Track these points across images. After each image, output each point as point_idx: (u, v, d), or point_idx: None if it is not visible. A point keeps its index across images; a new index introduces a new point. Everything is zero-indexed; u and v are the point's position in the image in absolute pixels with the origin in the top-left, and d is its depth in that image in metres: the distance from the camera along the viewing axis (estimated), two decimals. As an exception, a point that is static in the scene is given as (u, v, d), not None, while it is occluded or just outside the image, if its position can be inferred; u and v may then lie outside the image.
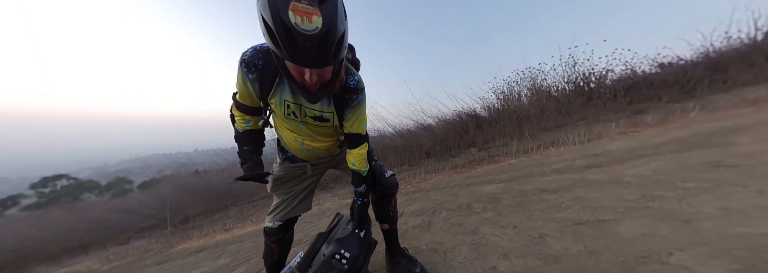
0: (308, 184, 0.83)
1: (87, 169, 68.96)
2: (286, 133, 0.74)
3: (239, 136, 0.72)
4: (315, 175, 0.84)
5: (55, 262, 3.56)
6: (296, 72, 0.52)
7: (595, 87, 4.52)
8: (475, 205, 1.42)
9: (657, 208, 1.01)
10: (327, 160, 0.84)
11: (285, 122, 0.70)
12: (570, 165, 1.84)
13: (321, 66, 0.49)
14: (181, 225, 3.88)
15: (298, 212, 0.81)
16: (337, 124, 0.69)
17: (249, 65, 0.58)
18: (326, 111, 0.66)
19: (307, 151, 0.76)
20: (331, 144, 0.79)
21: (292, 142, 0.74)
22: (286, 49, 0.44)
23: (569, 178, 1.56)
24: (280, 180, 0.80)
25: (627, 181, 1.30)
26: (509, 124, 4.33)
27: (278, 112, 0.67)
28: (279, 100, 0.63)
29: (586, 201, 1.19)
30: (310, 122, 0.67)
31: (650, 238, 0.85)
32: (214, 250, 2.05)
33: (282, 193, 0.81)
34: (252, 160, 0.71)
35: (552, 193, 1.36)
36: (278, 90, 0.62)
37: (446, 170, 3.35)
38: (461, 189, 1.88)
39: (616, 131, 3.15)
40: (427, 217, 1.42)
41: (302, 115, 0.66)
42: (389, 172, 0.89)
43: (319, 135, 0.73)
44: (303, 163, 0.80)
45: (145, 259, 2.46)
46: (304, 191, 0.83)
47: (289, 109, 0.64)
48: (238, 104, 0.68)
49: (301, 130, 0.70)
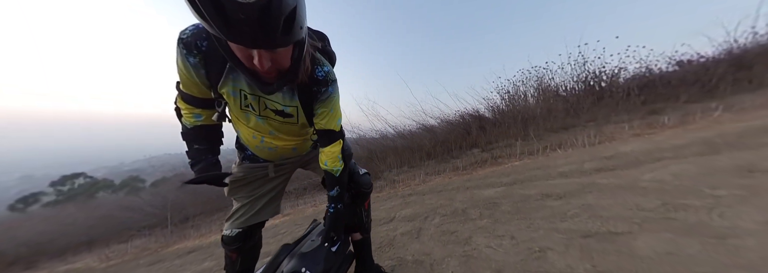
0: (273, 186, 0.73)
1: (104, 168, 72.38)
2: (243, 129, 0.64)
3: (188, 133, 0.60)
4: (280, 177, 0.75)
5: (61, 259, 3.66)
6: (243, 55, 0.42)
7: (607, 86, 4.29)
8: (471, 211, 1.31)
9: (681, 220, 0.85)
10: (294, 160, 0.75)
11: (241, 116, 0.59)
12: (578, 168, 1.69)
13: (267, 46, 0.39)
14: (181, 224, 3.91)
15: (260, 218, 0.71)
16: (303, 121, 0.61)
17: (189, 46, 0.46)
18: (289, 105, 0.56)
19: (268, 150, 0.66)
20: (298, 143, 0.69)
21: (250, 139, 0.65)
22: (215, 22, 0.34)
23: (576, 182, 1.42)
24: (238, 182, 0.70)
25: (643, 187, 1.15)
26: (514, 125, 4.15)
27: (233, 105, 0.56)
28: (232, 90, 0.52)
29: (595, 209, 1.05)
30: (271, 116, 0.58)
31: (675, 256, 0.71)
32: (203, 251, 2.01)
33: (242, 197, 0.71)
34: (205, 161, 0.60)
35: (557, 199, 1.23)
36: (231, 77, 0.51)
37: (447, 172, 3.22)
38: (459, 192, 1.76)
39: (629, 133, 2.94)
40: (418, 223, 1.32)
41: (261, 108, 0.56)
42: (362, 170, 0.81)
43: (282, 132, 0.63)
44: (264, 164, 0.70)
45: (140, 259, 2.46)
46: (268, 195, 0.73)
47: (245, 101, 0.54)
48: (183, 95, 0.56)
49: (261, 125, 0.60)
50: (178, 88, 0.57)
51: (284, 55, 0.44)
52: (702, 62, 4.15)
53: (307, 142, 0.72)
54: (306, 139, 0.70)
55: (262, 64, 0.41)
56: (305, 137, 0.70)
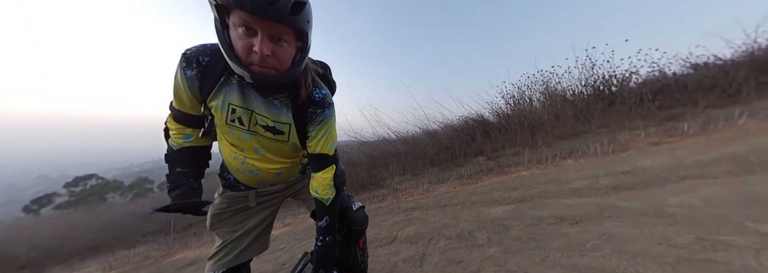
0: (258, 221, 0.65)
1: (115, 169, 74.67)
2: (226, 148, 0.58)
3: (172, 155, 0.58)
4: (266, 209, 0.67)
5: (67, 264, 3.70)
6: (243, 45, 0.41)
7: (618, 90, 4.13)
8: (478, 234, 1.22)
9: (723, 263, 0.70)
10: (279, 189, 0.68)
11: (226, 132, 0.55)
12: (592, 184, 1.58)
13: (271, 17, 0.38)
14: (183, 231, 3.92)
15: (245, 258, 0.64)
16: (294, 141, 0.57)
17: (190, 60, 0.48)
18: (282, 121, 0.54)
19: (249, 173, 0.59)
20: (284, 168, 0.62)
21: (231, 160, 0.59)
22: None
23: (593, 202, 1.30)
24: (220, 215, 0.63)
25: (671, 214, 1.03)
26: (520, 132, 4.03)
27: (219, 119, 0.53)
28: (221, 104, 0.51)
29: (617, 240, 0.94)
30: (260, 132, 0.55)
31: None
32: (202, 264, 1.97)
33: (224, 232, 0.63)
34: (186, 185, 0.57)
35: (572, 225, 1.12)
36: (222, 91, 0.50)
37: (451, 181, 3.12)
38: (464, 209, 1.67)
39: (646, 141, 2.78)
40: (421, 247, 1.23)
41: (251, 123, 0.53)
42: (357, 204, 0.73)
43: (270, 151, 0.58)
44: (245, 191, 0.63)
45: (141, 269, 2.45)
46: (254, 231, 0.65)
47: (234, 114, 0.51)
48: (175, 113, 0.56)
49: (246, 141, 0.55)
50: (171, 107, 0.56)
51: (286, 52, 0.44)
52: (720, 65, 3.95)
53: (294, 167, 0.65)
54: (294, 163, 0.64)
55: (262, 49, 0.40)
56: (294, 161, 0.64)
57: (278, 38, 0.42)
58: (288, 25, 0.41)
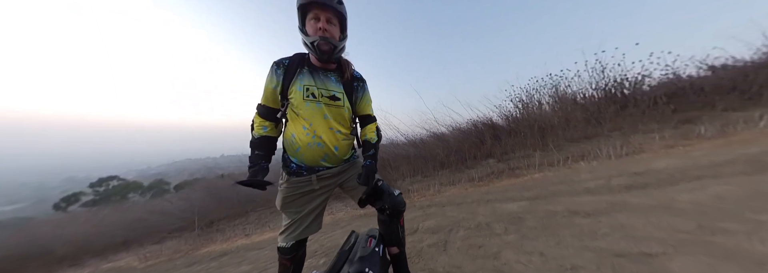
0: (317, 204, 0.84)
1: (133, 171, 78.60)
2: (298, 129, 0.78)
3: (254, 142, 0.82)
4: (323, 194, 0.84)
5: (102, 257, 3.99)
6: (313, 28, 0.73)
7: (630, 93, 4.10)
8: (495, 225, 1.32)
9: (720, 244, 0.83)
10: (333, 174, 0.84)
11: (302, 108, 0.77)
12: (605, 184, 1.64)
13: (328, 5, 0.71)
14: (207, 228, 4.15)
15: (308, 233, 0.83)
16: (347, 106, 0.83)
17: (279, 64, 0.80)
18: (338, 91, 0.81)
19: (316, 146, 0.78)
20: (341, 141, 0.82)
21: (302, 136, 0.77)
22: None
23: (605, 200, 1.38)
24: (288, 198, 0.81)
25: (680, 208, 1.10)
26: (531, 135, 4.05)
27: (297, 100, 0.77)
28: (299, 86, 0.77)
29: (627, 229, 1.03)
30: (326, 102, 0.79)
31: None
32: (235, 255, 2.14)
33: (291, 213, 0.82)
34: (259, 165, 0.78)
35: (585, 217, 1.20)
36: (298, 78, 0.78)
37: (462, 183, 3.18)
38: (480, 206, 1.77)
39: (661, 144, 2.77)
40: (443, 236, 1.35)
41: (319, 95, 0.78)
42: (396, 191, 0.92)
43: (333, 117, 0.80)
44: (308, 176, 0.80)
45: (175, 260, 2.64)
46: (314, 212, 0.84)
47: (308, 91, 0.77)
48: (260, 110, 0.82)
49: (317, 111, 0.78)
50: (257, 107, 0.83)
51: (336, 29, 0.75)
52: (739, 67, 3.87)
53: (347, 142, 0.84)
54: (347, 135, 0.84)
55: (324, 25, 0.72)
56: (346, 133, 0.84)
57: (330, 22, 0.74)
58: (336, 10, 0.73)
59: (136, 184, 19.77)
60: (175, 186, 16.82)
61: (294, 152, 0.81)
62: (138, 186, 18.93)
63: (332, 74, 0.82)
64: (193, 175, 26.81)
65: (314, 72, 0.79)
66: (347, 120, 0.84)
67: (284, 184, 0.84)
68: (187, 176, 25.65)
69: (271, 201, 4.69)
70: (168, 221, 4.86)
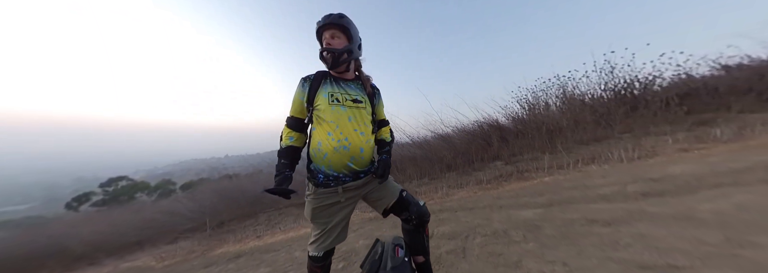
0: (344, 215, 0.89)
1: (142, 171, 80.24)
2: (323, 136, 0.83)
3: (281, 151, 0.90)
4: (348, 205, 0.89)
5: (117, 256, 4.11)
6: (325, 42, 0.87)
7: (641, 94, 4.03)
8: (512, 233, 1.33)
9: (749, 258, 0.81)
10: (358, 186, 0.88)
11: (328, 114, 0.84)
12: (620, 191, 1.64)
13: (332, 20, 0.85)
14: (218, 228, 4.24)
15: (336, 243, 0.89)
16: (369, 109, 0.93)
17: (305, 79, 0.91)
18: (360, 95, 0.91)
19: (343, 149, 0.83)
20: (365, 142, 0.87)
21: (329, 142, 0.82)
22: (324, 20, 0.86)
23: (622, 207, 1.37)
24: (317, 209, 0.86)
25: (701, 218, 1.09)
26: (538, 137, 4.02)
27: (324, 106, 0.85)
28: (324, 94, 0.87)
29: (650, 239, 1.02)
30: (349, 105, 0.88)
31: (747, 298, 0.69)
32: (250, 257, 2.18)
33: (320, 223, 0.87)
34: (284, 174, 0.84)
35: (604, 226, 1.21)
36: (323, 88, 0.88)
37: (470, 185, 3.18)
38: (493, 211, 1.78)
39: (674, 147, 2.73)
40: (460, 242, 1.36)
41: (344, 100, 0.87)
42: (421, 201, 0.96)
43: (357, 119, 0.88)
44: (334, 188, 0.85)
45: (191, 260, 2.71)
46: (341, 223, 0.89)
47: (332, 97, 0.86)
48: (288, 122, 0.92)
49: (343, 114, 0.86)
50: (287, 119, 0.92)
51: (340, 41, 0.87)
52: (754, 67, 3.77)
53: (370, 144, 0.89)
54: (369, 138, 0.90)
55: (329, 40, 0.86)
56: (369, 134, 0.90)
57: (334, 36, 0.87)
58: (337, 25, 0.86)
59: (144, 184, 20.18)
60: (181, 186, 17.12)
61: (321, 160, 0.84)
62: (145, 186, 19.32)
63: (352, 83, 0.93)
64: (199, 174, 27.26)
65: (335, 82, 0.90)
66: (369, 122, 0.92)
67: (312, 196, 0.87)
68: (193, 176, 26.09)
69: (279, 202, 4.77)
70: (179, 221, 4.96)
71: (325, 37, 0.87)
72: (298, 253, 1.93)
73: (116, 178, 20.95)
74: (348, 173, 0.86)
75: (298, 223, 3.41)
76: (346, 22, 0.86)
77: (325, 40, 0.87)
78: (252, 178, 7.17)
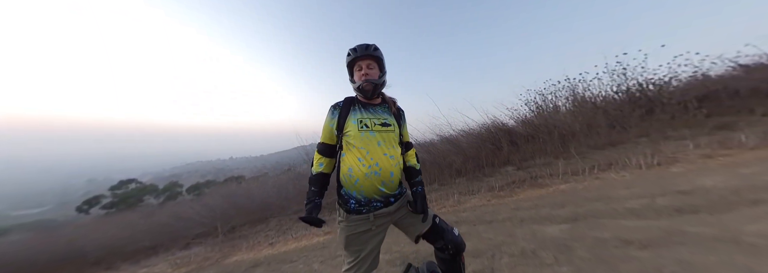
0: (376, 243, 0.89)
1: (149, 174, 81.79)
2: (354, 162, 0.85)
3: (312, 178, 0.91)
4: (379, 233, 0.89)
5: (133, 262, 4.16)
6: (358, 75, 0.91)
7: (656, 97, 3.92)
8: (542, 254, 1.28)
9: None
10: (389, 212, 0.88)
11: (358, 140, 0.86)
12: (649, 204, 1.58)
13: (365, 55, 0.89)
14: (229, 233, 4.26)
15: (370, 271, 0.90)
16: (397, 131, 0.94)
17: (335, 106, 0.94)
18: (388, 118, 0.94)
19: (374, 175, 0.84)
20: (394, 166, 0.88)
21: (360, 168, 0.84)
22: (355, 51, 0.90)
23: (656, 226, 1.32)
24: (350, 237, 0.87)
25: (750, 243, 1.02)
26: (550, 141, 3.95)
27: (354, 132, 0.86)
28: (354, 120, 0.89)
29: (697, 268, 0.95)
30: (378, 129, 0.89)
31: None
32: (268, 267, 2.17)
33: (353, 251, 0.87)
34: (313, 202, 0.86)
35: (641, 249, 1.15)
36: (351, 114, 0.91)
37: (482, 192, 3.14)
38: (516, 227, 1.73)
39: (696, 153, 2.64)
40: (486, 262, 1.32)
41: (373, 125, 0.89)
42: (456, 230, 0.94)
43: (387, 142, 0.89)
44: (366, 215, 0.85)
45: (206, 268, 2.71)
46: (374, 251, 0.89)
47: (361, 123, 0.89)
48: (319, 148, 0.94)
49: (372, 139, 0.87)
50: (318, 145, 0.94)
51: (375, 71, 0.92)
52: (777, 67, 3.63)
53: (399, 167, 0.90)
54: (398, 160, 0.91)
55: (366, 71, 0.90)
56: (398, 158, 0.91)
57: (370, 67, 0.91)
58: (373, 56, 0.90)
59: (152, 186, 20.56)
60: (187, 188, 17.38)
61: (352, 185, 0.85)
62: (153, 189, 19.69)
63: (379, 107, 0.95)
64: (205, 176, 27.63)
65: (363, 108, 0.93)
66: (397, 144, 0.93)
67: (344, 223, 0.87)
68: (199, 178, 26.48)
69: (286, 208, 4.75)
70: (191, 226, 5.02)
71: (361, 67, 0.90)
72: (316, 265, 1.92)
73: (126, 181, 21.40)
74: (379, 198, 0.86)
75: (308, 230, 3.40)
76: (379, 54, 0.91)
77: (363, 71, 0.90)
78: (258, 180, 7.24)
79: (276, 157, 21.72)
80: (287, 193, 5.08)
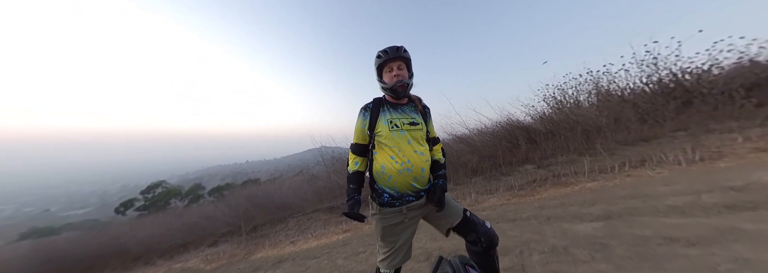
0: (409, 235, 0.93)
1: (176, 177, 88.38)
2: (386, 160, 0.90)
3: (350, 176, 0.98)
4: (411, 225, 0.93)
5: (167, 257, 4.52)
6: (389, 76, 0.93)
7: (694, 87, 3.58)
8: (575, 251, 1.23)
9: None
10: (420, 205, 0.92)
11: (389, 140, 0.90)
12: (695, 201, 1.45)
13: (399, 54, 0.92)
14: (252, 233, 4.49)
15: (404, 262, 0.94)
16: (424, 129, 0.98)
17: (365, 108, 0.98)
18: (416, 117, 0.97)
19: (406, 171, 0.88)
20: (424, 162, 0.91)
21: (393, 165, 0.88)
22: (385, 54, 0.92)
23: (706, 223, 1.21)
24: (387, 228, 0.91)
25: None
26: (573, 137, 3.75)
27: (385, 131, 0.91)
28: (384, 121, 0.93)
29: (756, 266, 0.88)
30: (408, 128, 0.93)
31: None
32: (293, 263, 2.26)
33: (389, 242, 0.92)
34: (353, 199, 0.93)
35: (689, 247, 1.07)
36: (382, 115, 0.95)
37: (501, 191, 3.04)
38: (542, 224, 1.67)
39: (747, 147, 2.38)
40: (516, 259, 1.29)
41: (402, 124, 0.93)
42: (488, 223, 0.94)
43: (416, 140, 0.93)
44: (399, 208, 0.89)
45: (235, 264, 2.88)
46: (407, 242, 0.94)
47: (392, 123, 0.92)
48: (353, 148, 0.98)
49: (403, 138, 0.91)
50: (351, 146, 0.99)
51: (405, 72, 0.95)
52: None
53: (428, 163, 0.94)
54: (428, 157, 0.94)
55: (397, 72, 0.92)
56: (427, 154, 0.94)
57: (400, 68, 0.94)
58: (403, 57, 0.93)
59: (177, 190, 22.10)
60: (209, 191, 18.48)
61: (386, 182, 0.90)
62: (178, 192, 21.16)
63: (406, 107, 0.98)
64: (224, 179, 29.32)
65: (392, 108, 0.96)
66: (425, 141, 0.97)
67: (378, 215, 0.92)
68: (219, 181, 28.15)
69: (305, 207, 4.91)
70: (217, 226, 5.35)
71: (392, 68, 0.93)
72: (340, 261, 1.98)
73: (153, 185, 23.20)
74: (411, 193, 0.90)
75: (326, 228, 3.50)
76: (408, 55, 0.95)
77: (394, 72, 0.93)
78: (275, 182, 7.59)
79: (289, 160, 22.51)
80: (304, 194, 5.27)
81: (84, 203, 76.09)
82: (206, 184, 23.78)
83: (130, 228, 7.11)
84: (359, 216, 0.87)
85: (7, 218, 57.82)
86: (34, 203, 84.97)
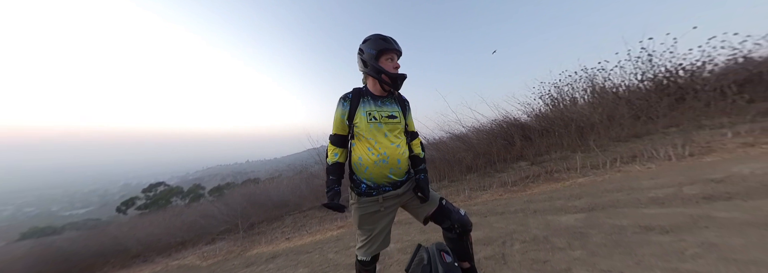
0: (386, 223, 0.96)
1: (176, 177, 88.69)
2: (364, 151, 0.91)
3: (329, 168, 0.98)
4: (389, 214, 0.96)
5: (166, 255, 4.58)
6: (389, 66, 0.92)
7: (687, 83, 3.60)
8: (555, 240, 1.27)
9: None
10: (397, 194, 0.94)
11: (366, 131, 0.90)
12: (676, 193, 1.48)
13: (397, 48, 0.93)
14: (249, 230, 4.54)
15: (382, 248, 0.97)
16: (402, 122, 0.98)
17: (344, 98, 0.97)
18: (395, 111, 0.97)
19: (382, 163, 0.89)
20: (401, 154, 0.93)
21: (369, 156, 0.89)
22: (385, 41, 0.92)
23: (682, 212, 1.24)
24: (363, 217, 0.94)
25: None
26: (567, 134, 3.77)
27: (363, 124, 0.91)
28: (363, 112, 0.93)
29: (723, 250, 0.91)
30: (385, 121, 0.93)
31: None
32: (286, 258, 2.31)
33: (366, 230, 0.95)
34: (333, 190, 0.94)
35: (663, 234, 1.10)
36: (361, 106, 0.94)
37: (494, 188, 3.08)
38: (528, 216, 1.71)
39: (736, 142, 2.40)
40: (497, 248, 1.33)
41: (380, 117, 0.93)
42: (462, 211, 0.99)
43: (392, 133, 0.94)
44: (376, 197, 0.91)
45: (231, 260, 2.93)
46: (385, 230, 0.96)
47: (370, 115, 0.92)
48: (332, 139, 0.98)
49: (380, 130, 0.92)
50: (330, 137, 0.99)
51: (399, 64, 0.96)
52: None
53: (405, 155, 0.95)
54: (404, 149, 0.96)
55: (395, 63, 0.94)
56: (403, 146, 0.96)
57: (397, 60, 0.95)
58: (401, 52, 0.95)
59: (178, 189, 22.17)
60: (209, 191, 18.55)
61: (363, 172, 0.92)
62: (179, 191, 21.24)
63: (387, 99, 0.98)
64: (225, 179, 29.40)
65: (373, 100, 0.96)
66: (403, 134, 0.98)
67: (356, 204, 0.95)
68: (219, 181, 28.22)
69: (302, 205, 4.96)
70: (215, 224, 5.40)
71: (392, 59, 0.93)
72: (331, 255, 2.01)
73: (155, 184, 23.29)
74: (388, 183, 0.92)
75: (321, 225, 3.54)
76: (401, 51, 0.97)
77: (392, 65, 0.93)
78: (274, 181, 7.65)
79: (289, 160, 22.52)
80: (301, 192, 5.32)
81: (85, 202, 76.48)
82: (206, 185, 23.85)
83: (131, 227, 7.17)
84: (339, 206, 0.89)
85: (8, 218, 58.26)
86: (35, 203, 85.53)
